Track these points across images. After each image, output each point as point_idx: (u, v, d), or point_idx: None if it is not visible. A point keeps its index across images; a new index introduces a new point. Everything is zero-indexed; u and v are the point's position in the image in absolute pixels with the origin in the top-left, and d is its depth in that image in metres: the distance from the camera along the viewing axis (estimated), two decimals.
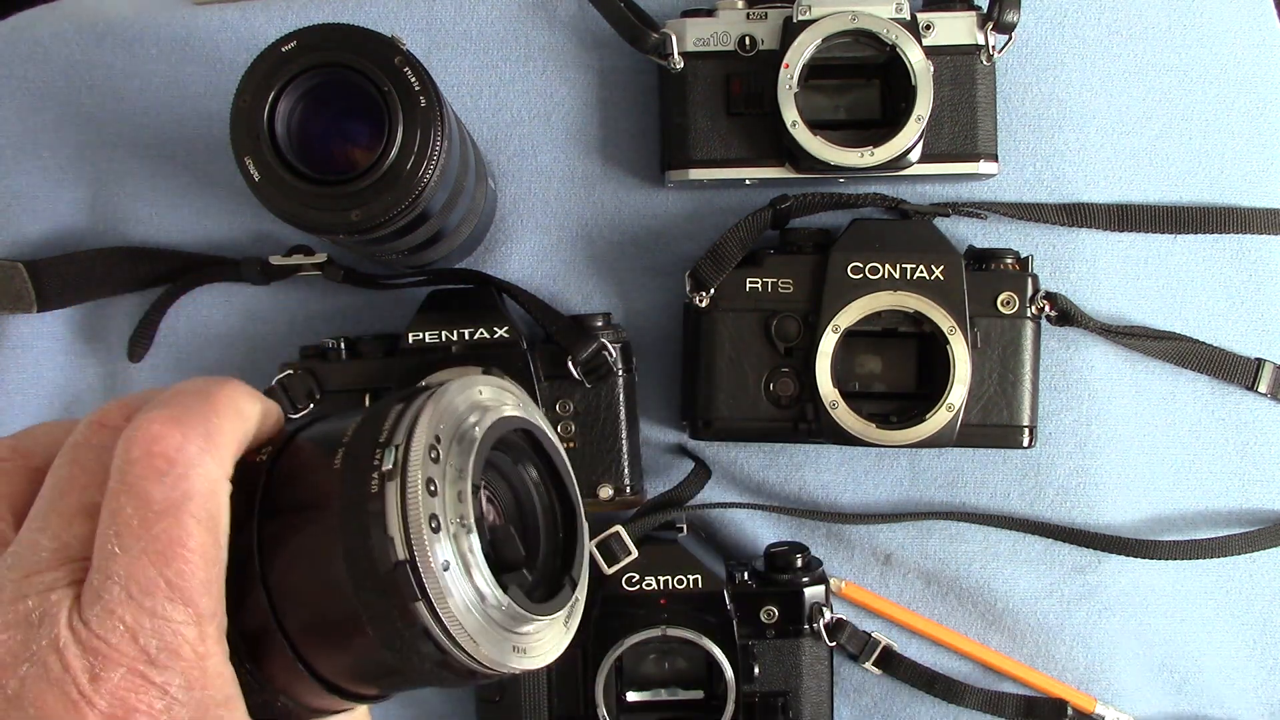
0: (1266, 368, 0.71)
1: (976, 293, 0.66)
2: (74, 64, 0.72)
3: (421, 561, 0.32)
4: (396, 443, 0.34)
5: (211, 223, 0.73)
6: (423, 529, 0.33)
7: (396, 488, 0.33)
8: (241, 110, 0.53)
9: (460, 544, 0.34)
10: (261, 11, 0.72)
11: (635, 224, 0.73)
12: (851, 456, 0.72)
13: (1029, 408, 0.68)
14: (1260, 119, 0.72)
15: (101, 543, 0.31)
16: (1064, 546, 0.72)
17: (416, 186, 0.53)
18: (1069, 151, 0.72)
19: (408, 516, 0.33)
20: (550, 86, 0.73)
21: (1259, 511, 0.72)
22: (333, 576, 0.33)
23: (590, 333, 0.66)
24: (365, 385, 0.67)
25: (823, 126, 0.67)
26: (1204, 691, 0.72)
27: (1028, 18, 0.69)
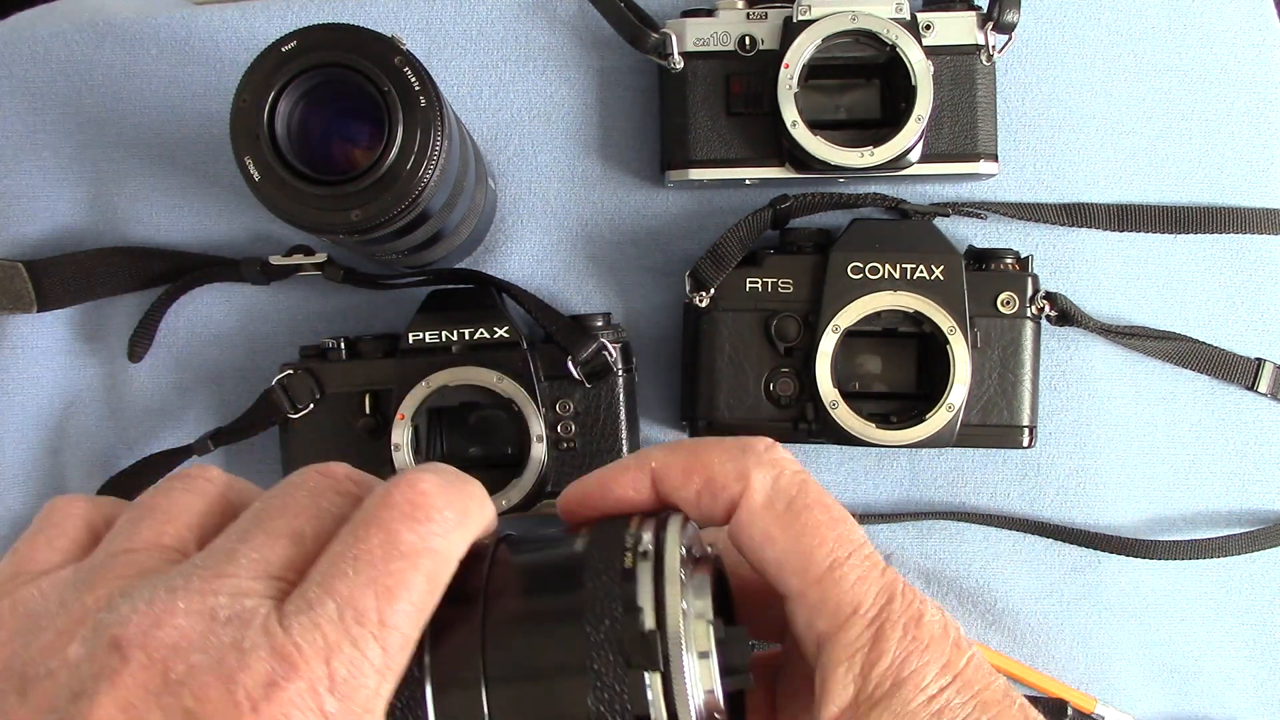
0: (1266, 368, 0.71)
1: (976, 293, 0.66)
2: (74, 64, 0.72)
3: (672, 636, 0.32)
4: (646, 532, 0.35)
5: (211, 223, 0.73)
6: (677, 608, 0.33)
7: (650, 566, 0.34)
8: (241, 110, 0.53)
9: (703, 634, 0.34)
10: (261, 11, 0.72)
11: (635, 224, 0.73)
12: (851, 456, 0.72)
13: (1029, 408, 0.68)
14: (1260, 119, 0.72)
15: (331, 562, 0.31)
16: (1064, 546, 0.72)
17: (416, 186, 0.53)
18: (1069, 151, 0.72)
19: (664, 593, 0.33)
20: (550, 86, 0.73)
21: (1259, 511, 0.72)
22: (563, 637, 0.33)
23: (590, 333, 0.66)
24: (365, 385, 0.67)
25: (823, 126, 0.67)
26: (1204, 691, 0.72)
27: (1028, 18, 0.69)
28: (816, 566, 0.35)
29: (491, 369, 0.65)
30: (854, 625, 0.35)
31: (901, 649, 0.35)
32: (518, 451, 0.66)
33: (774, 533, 0.36)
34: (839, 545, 0.36)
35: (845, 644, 0.35)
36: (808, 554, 0.36)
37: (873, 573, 0.35)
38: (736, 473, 0.37)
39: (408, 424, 0.65)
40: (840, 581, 0.35)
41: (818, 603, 0.35)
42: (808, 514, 0.36)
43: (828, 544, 0.36)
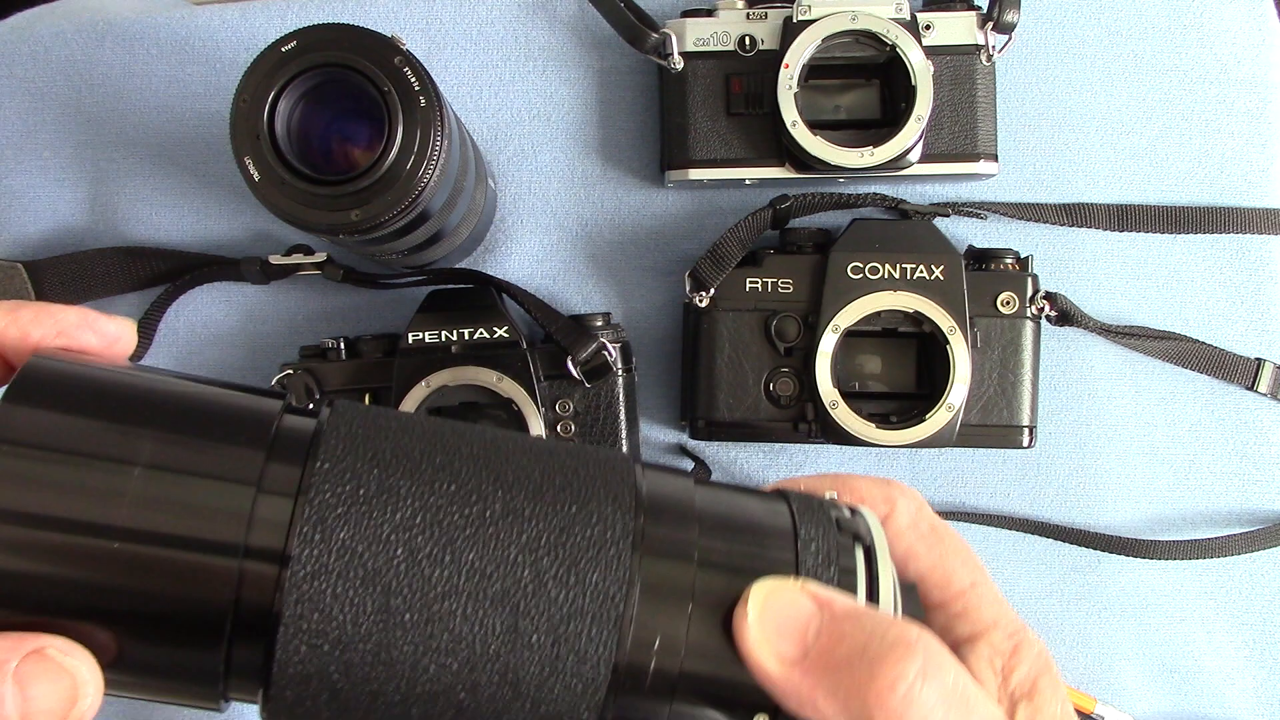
0: (1266, 368, 0.71)
1: (976, 293, 0.66)
2: (74, 64, 0.72)
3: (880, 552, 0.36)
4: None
5: (211, 223, 0.73)
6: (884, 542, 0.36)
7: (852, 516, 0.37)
8: (241, 110, 0.53)
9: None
10: (261, 11, 0.72)
11: (635, 224, 0.73)
12: (851, 456, 0.72)
13: (1029, 408, 0.68)
14: (1260, 119, 0.72)
15: None
16: (1064, 546, 0.72)
17: (416, 186, 0.53)
18: (1069, 151, 0.72)
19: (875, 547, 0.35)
20: (550, 86, 0.73)
21: (1259, 511, 0.72)
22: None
23: (590, 332, 0.66)
24: (365, 385, 0.67)
25: (823, 126, 0.67)
26: (1204, 691, 0.72)
27: (1028, 18, 0.69)
28: (959, 582, 0.40)
29: (491, 369, 0.65)
30: (997, 632, 0.39)
31: (1035, 666, 0.38)
32: None
33: (919, 550, 0.40)
34: (977, 569, 0.40)
35: (989, 645, 0.38)
36: (951, 570, 0.40)
37: (1002, 596, 0.40)
38: (884, 496, 0.41)
39: None
40: (982, 597, 0.40)
41: (959, 612, 0.39)
42: (949, 538, 0.41)
43: (969, 565, 0.40)
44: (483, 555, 0.31)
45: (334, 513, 0.30)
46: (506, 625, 0.31)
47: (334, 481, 0.31)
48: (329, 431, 0.32)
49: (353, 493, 0.31)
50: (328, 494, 0.31)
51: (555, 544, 0.32)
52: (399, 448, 0.32)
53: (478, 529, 0.31)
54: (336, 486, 0.31)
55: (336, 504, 0.31)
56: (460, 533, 0.31)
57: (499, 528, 0.31)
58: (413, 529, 0.31)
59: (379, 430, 0.33)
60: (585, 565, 0.32)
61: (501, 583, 0.31)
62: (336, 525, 0.30)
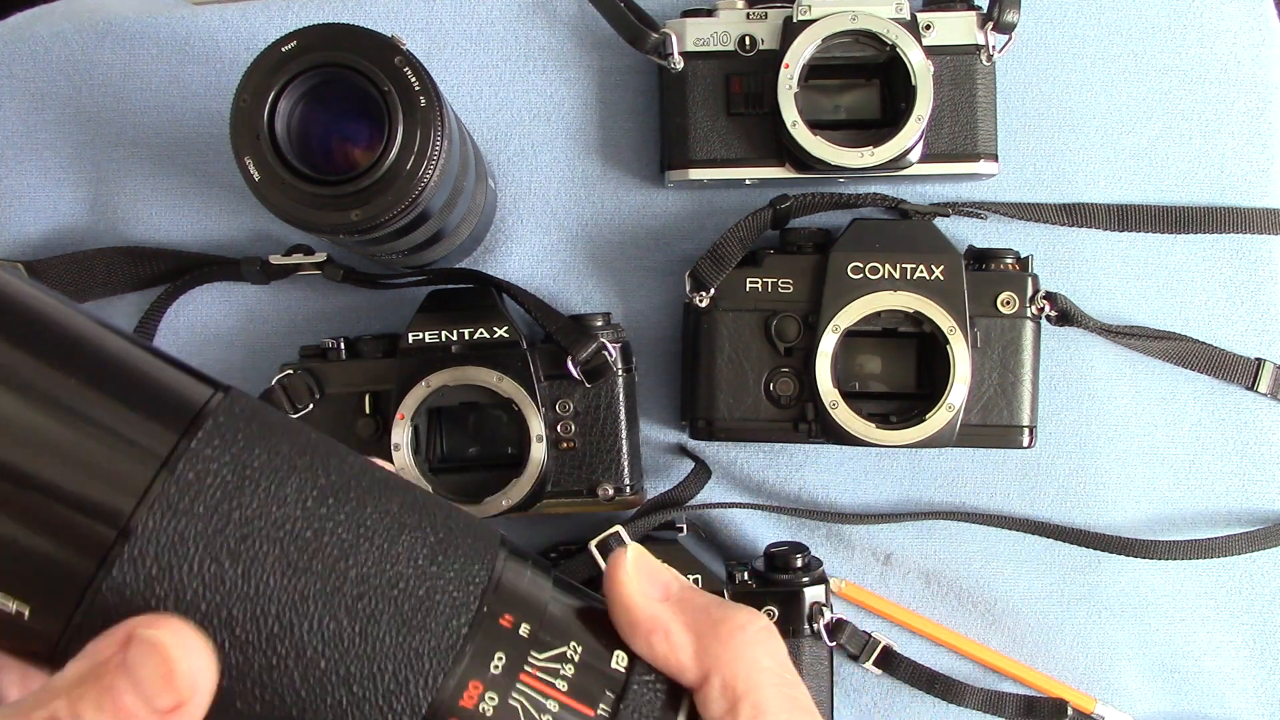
0: (1266, 368, 0.71)
1: (976, 293, 0.66)
2: (74, 64, 0.72)
3: None
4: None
5: (211, 223, 0.73)
6: None
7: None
8: (241, 110, 0.53)
9: None
10: (261, 11, 0.72)
11: (635, 224, 0.73)
12: (851, 456, 0.72)
13: (1029, 408, 0.68)
14: (1260, 119, 0.72)
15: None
16: (1064, 546, 0.72)
17: (416, 186, 0.53)
18: (1069, 151, 0.72)
19: None
20: (550, 86, 0.73)
21: (1259, 511, 0.72)
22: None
23: (590, 332, 0.66)
24: (365, 385, 0.67)
25: (823, 126, 0.67)
26: (1204, 691, 0.72)
27: (1028, 18, 0.69)
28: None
29: (491, 369, 0.65)
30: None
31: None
32: (518, 451, 0.66)
33: (770, 704, 0.34)
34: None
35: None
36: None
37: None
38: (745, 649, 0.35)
39: (407, 424, 0.65)
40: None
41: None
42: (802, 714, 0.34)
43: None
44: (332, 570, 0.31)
45: (188, 492, 0.30)
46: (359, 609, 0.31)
47: (199, 462, 0.31)
48: (216, 412, 0.32)
49: (213, 477, 0.31)
50: (190, 474, 0.30)
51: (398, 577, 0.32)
52: (273, 447, 0.32)
53: (330, 544, 0.31)
54: (200, 465, 0.30)
55: (195, 483, 0.30)
56: (309, 543, 0.31)
57: (350, 547, 0.32)
58: (260, 529, 0.31)
59: (265, 426, 0.32)
60: (438, 601, 0.32)
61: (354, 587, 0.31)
62: (186, 505, 0.30)
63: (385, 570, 0.32)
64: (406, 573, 0.32)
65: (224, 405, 0.32)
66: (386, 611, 0.31)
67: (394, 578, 0.32)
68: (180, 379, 0.32)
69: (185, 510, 0.30)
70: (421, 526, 0.33)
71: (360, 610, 0.31)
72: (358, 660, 0.31)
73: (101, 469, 0.30)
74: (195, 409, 0.31)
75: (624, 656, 0.34)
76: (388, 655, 0.31)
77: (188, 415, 0.31)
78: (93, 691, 0.29)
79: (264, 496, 0.31)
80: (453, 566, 0.33)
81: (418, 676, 0.31)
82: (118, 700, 0.29)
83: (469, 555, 0.33)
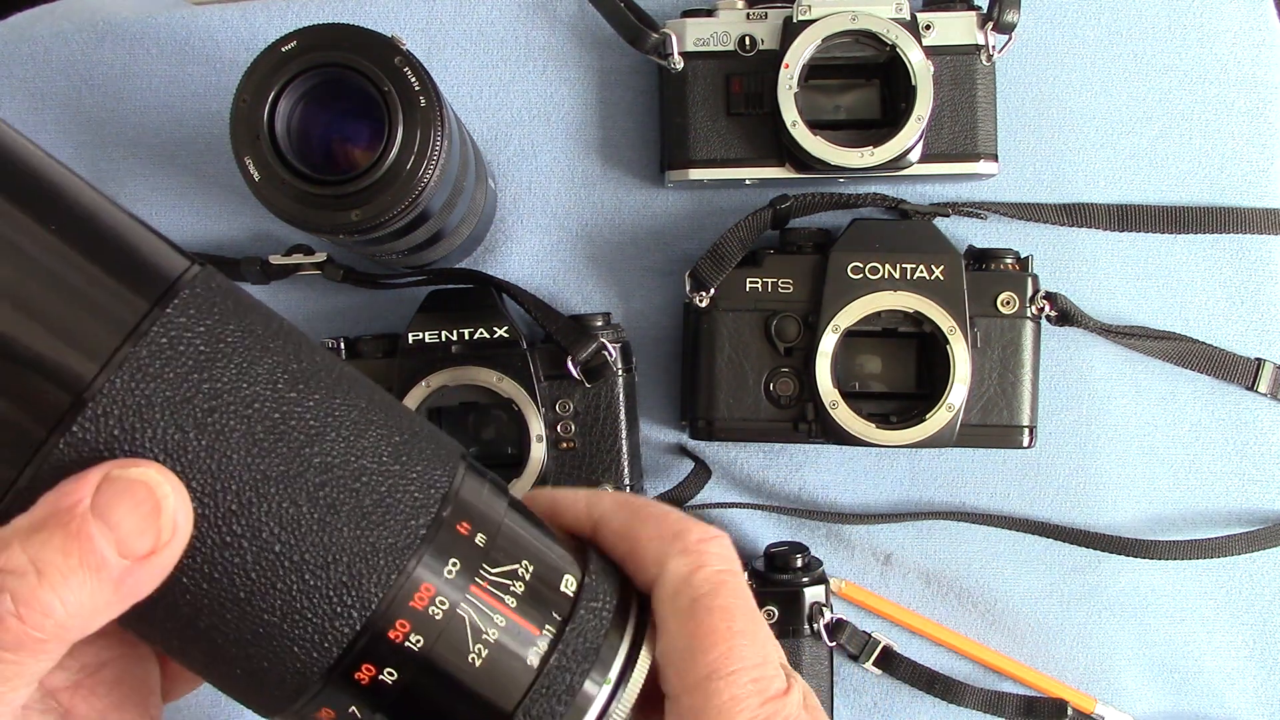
0: (1266, 368, 0.71)
1: (976, 293, 0.66)
2: (74, 64, 0.72)
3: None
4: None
5: (211, 223, 0.73)
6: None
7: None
8: (241, 110, 0.53)
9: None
10: (261, 11, 0.72)
11: (635, 224, 0.73)
12: (851, 456, 0.72)
13: (1029, 408, 0.68)
14: (1260, 119, 0.72)
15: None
16: (1064, 546, 0.72)
17: (416, 186, 0.53)
18: (1069, 151, 0.72)
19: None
20: (550, 86, 0.73)
21: (1259, 511, 0.72)
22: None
23: (590, 332, 0.66)
24: None
25: (823, 126, 0.67)
26: (1204, 691, 0.72)
27: (1028, 18, 0.69)
28: (695, 672, 0.33)
29: (491, 368, 0.65)
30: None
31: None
32: (518, 451, 0.66)
33: (671, 626, 0.34)
34: (726, 658, 0.33)
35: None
36: (691, 657, 0.33)
37: (751, 698, 0.33)
38: (656, 556, 0.35)
39: None
40: (712, 695, 0.33)
41: (687, 711, 0.33)
42: (708, 617, 0.34)
43: (713, 652, 0.33)
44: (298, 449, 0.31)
45: (159, 357, 0.29)
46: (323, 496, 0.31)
47: (173, 329, 0.30)
48: (193, 283, 0.31)
49: (186, 347, 0.30)
50: (163, 339, 0.29)
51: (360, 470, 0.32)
52: (248, 327, 0.31)
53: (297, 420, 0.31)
54: (173, 333, 0.30)
55: (167, 349, 0.29)
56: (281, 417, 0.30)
57: (316, 434, 0.31)
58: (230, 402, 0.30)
59: (240, 305, 0.32)
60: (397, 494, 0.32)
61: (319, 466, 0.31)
62: (156, 370, 0.29)
63: (350, 462, 0.31)
64: (370, 467, 0.31)
65: (201, 278, 0.31)
66: (347, 503, 0.31)
67: (357, 470, 0.31)
68: (160, 248, 0.31)
69: (154, 375, 0.29)
70: (387, 425, 0.33)
71: (321, 498, 0.30)
72: (313, 549, 0.30)
73: (70, 329, 0.29)
74: (172, 279, 0.30)
75: (573, 581, 0.34)
76: (343, 547, 0.31)
77: (164, 284, 0.30)
78: (57, 536, 0.27)
79: (235, 373, 0.30)
80: (415, 468, 0.32)
81: (372, 572, 0.31)
82: (87, 545, 0.27)
83: (431, 460, 0.33)
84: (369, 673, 0.31)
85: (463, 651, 0.32)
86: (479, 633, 0.32)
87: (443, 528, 0.32)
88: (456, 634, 0.32)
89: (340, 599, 0.30)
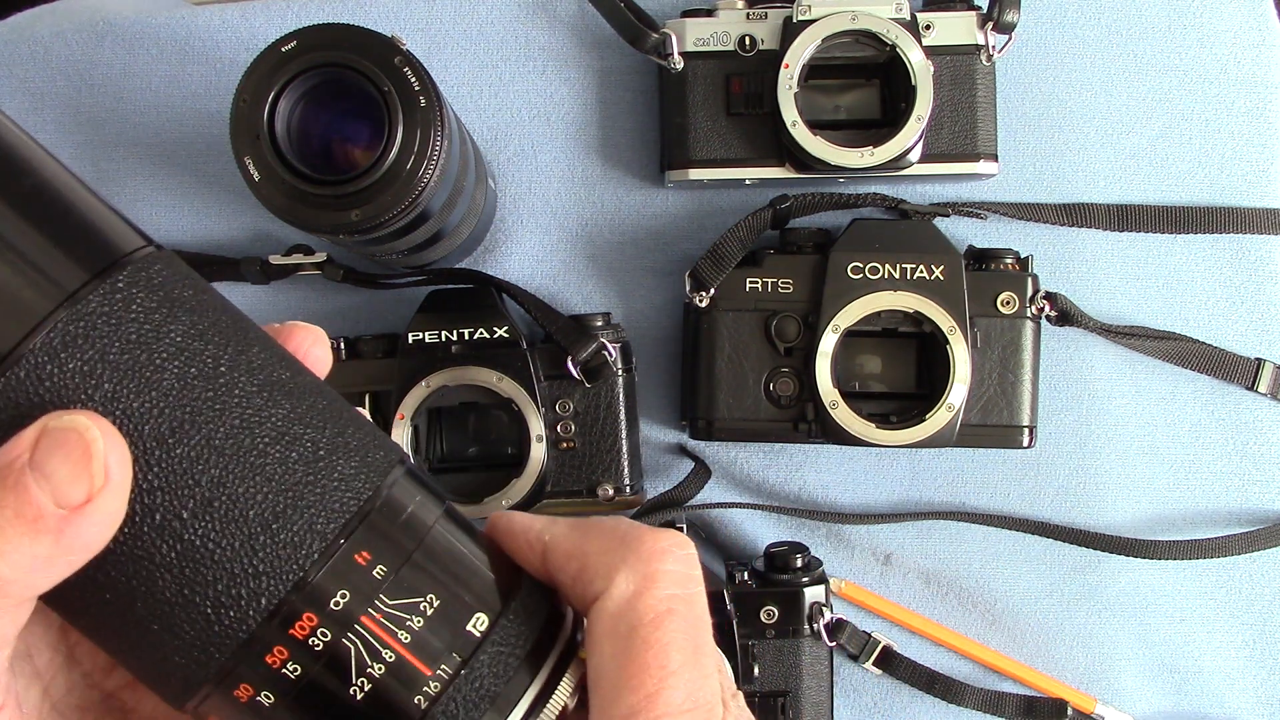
0: (1266, 368, 0.71)
1: (976, 293, 0.66)
2: (74, 64, 0.72)
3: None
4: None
5: (211, 223, 0.73)
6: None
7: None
8: (241, 110, 0.53)
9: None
10: (261, 11, 0.72)
11: (635, 224, 0.73)
12: (851, 456, 0.72)
13: (1029, 408, 0.68)
14: (1260, 119, 0.72)
15: None
16: (1064, 546, 0.72)
17: (416, 186, 0.53)
18: (1069, 151, 0.72)
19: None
20: (550, 86, 0.73)
21: (1259, 511, 0.72)
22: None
23: (590, 332, 0.66)
24: (365, 385, 0.67)
25: (823, 126, 0.67)
26: (1204, 691, 0.72)
27: (1028, 18, 0.69)
28: (618, 709, 0.31)
29: (491, 369, 0.65)
30: None
31: None
32: (518, 451, 0.66)
33: (605, 650, 0.32)
34: (651, 701, 0.31)
35: None
36: (617, 692, 0.31)
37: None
38: (604, 569, 0.33)
39: (407, 424, 0.65)
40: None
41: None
42: (643, 651, 0.31)
43: (640, 692, 0.31)
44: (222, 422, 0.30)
45: (90, 329, 0.29)
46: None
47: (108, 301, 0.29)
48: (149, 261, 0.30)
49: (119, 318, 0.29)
50: (94, 305, 0.29)
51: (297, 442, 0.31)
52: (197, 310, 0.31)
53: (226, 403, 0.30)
54: (106, 305, 0.29)
55: (96, 319, 0.29)
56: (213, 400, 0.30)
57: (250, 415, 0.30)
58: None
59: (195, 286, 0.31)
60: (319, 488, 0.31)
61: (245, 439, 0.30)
62: (79, 343, 0.29)
63: (264, 466, 0.30)
64: (282, 474, 0.30)
65: (154, 258, 0.31)
66: (253, 508, 0.30)
67: (272, 474, 0.30)
68: (117, 227, 0.31)
69: (89, 341, 0.29)
70: (319, 426, 0.31)
71: (230, 497, 0.30)
72: (202, 559, 0.29)
73: (11, 291, 0.28)
74: (120, 255, 0.30)
75: (484, 620, 0.32)
76: (235, 560, 0.29)
77: (111, 258, 0.30)
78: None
79: (170, 351, 0.30)
80: (333, 475, 0.31)
81: (253, 596, 0.30)
82: (23, 496, 0.27)
83: (357, 468, 0.31)
84: (247, 691, 0.31)
85: (344, 684, 0.31)
86: (364, 666, 0.31)
87: (338, 555, 0.31)
88: (339, 666, 0.30)
89: (219, 617, 0.30)
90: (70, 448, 0.27)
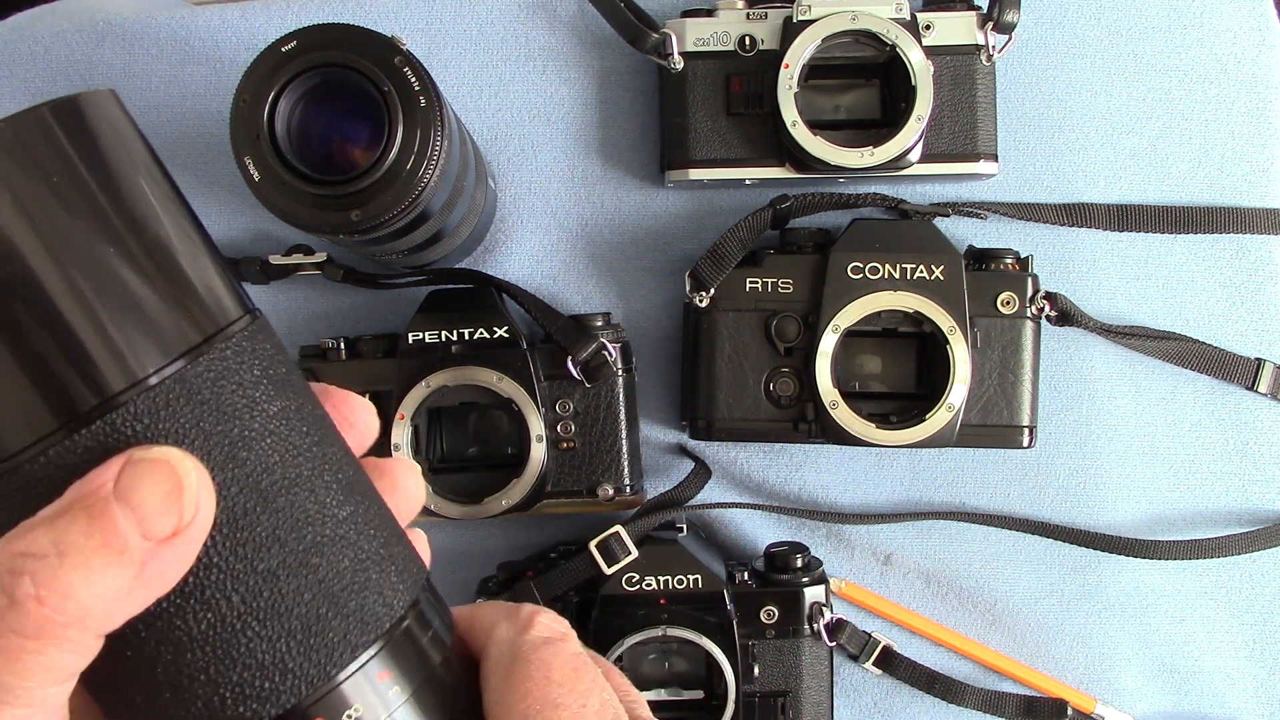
0: (1266, 368, 0.71)
1: (976, 293, 0.66)
2: (74, 64, 0.72)
3: None
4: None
5: (211, 223, 0.72)
6: None
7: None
8: (241, 110, 0.53)
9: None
10: (261, 11, 0.72)
11: (635, 224, 0.73)
12: (851, 456, 0.72)
13: (1029, 408, 0.68)
14: (1260, 119, 0.72)
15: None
16: (1064, 546, 0.72)
17: (416, 186, 0.53)
18: (1069, 151, 0.72)
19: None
20: (550, 86, 0.73)
21: (1259, 511, 0.72)
22: None
23: (590, 332, 0.66)
24: (365, 385, 0.67)
25: (823, 126, 0.67)
26: (1204, 691, 0.72)
27: (1028, 18, 0.69)
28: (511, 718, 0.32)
29: (491, 369, 0.65)
30: None
31: None
32: (517, 451, 0.66)
33: (493, 683, 0.33)
34: (540, 705, 0.32)
35: None
36: (507, 708, 0.33)
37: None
38: (488, 626, 0.35)
39: (407, 424, 0.65)
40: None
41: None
42: (525, 668, 0.33)
43: (528, 700, 0.32)
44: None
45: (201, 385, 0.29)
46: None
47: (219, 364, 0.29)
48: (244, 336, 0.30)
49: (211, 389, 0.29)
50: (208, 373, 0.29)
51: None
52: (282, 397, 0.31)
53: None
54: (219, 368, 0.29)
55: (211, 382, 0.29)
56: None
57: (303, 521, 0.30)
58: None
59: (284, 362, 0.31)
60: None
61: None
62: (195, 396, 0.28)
63: (315, 569, 0.30)
64: (329, 577, 0.30)
65: (261, 326, 0.31)
66: (291, 611, 0.29)
67: (317, 579, 0.30)
68: (226, 290, 0.31)
69: (190, 400, 0.28)
70: (369, 533, 0.31)
71: (272, 593, 0.29)
72: (235, 644, 0.29)
73: (125, 339, 0.28)
74: (228, 320, 0.30)
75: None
76: (266, 652, 0.29)
77: (220, 323, 0.30)
78: (80, 519, 0.26)
79: (264, 429, 0.30)
80: (371, 588, 0.31)
81: (274, 693, 0.29)
82: (109, 526, 0.26)
83: (395, 584, 0.32)
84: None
85: None
86: None
87: (363, 670, 0.31)
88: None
89: (234, 704, 0.29)
90: (161, 479, 0.27)
